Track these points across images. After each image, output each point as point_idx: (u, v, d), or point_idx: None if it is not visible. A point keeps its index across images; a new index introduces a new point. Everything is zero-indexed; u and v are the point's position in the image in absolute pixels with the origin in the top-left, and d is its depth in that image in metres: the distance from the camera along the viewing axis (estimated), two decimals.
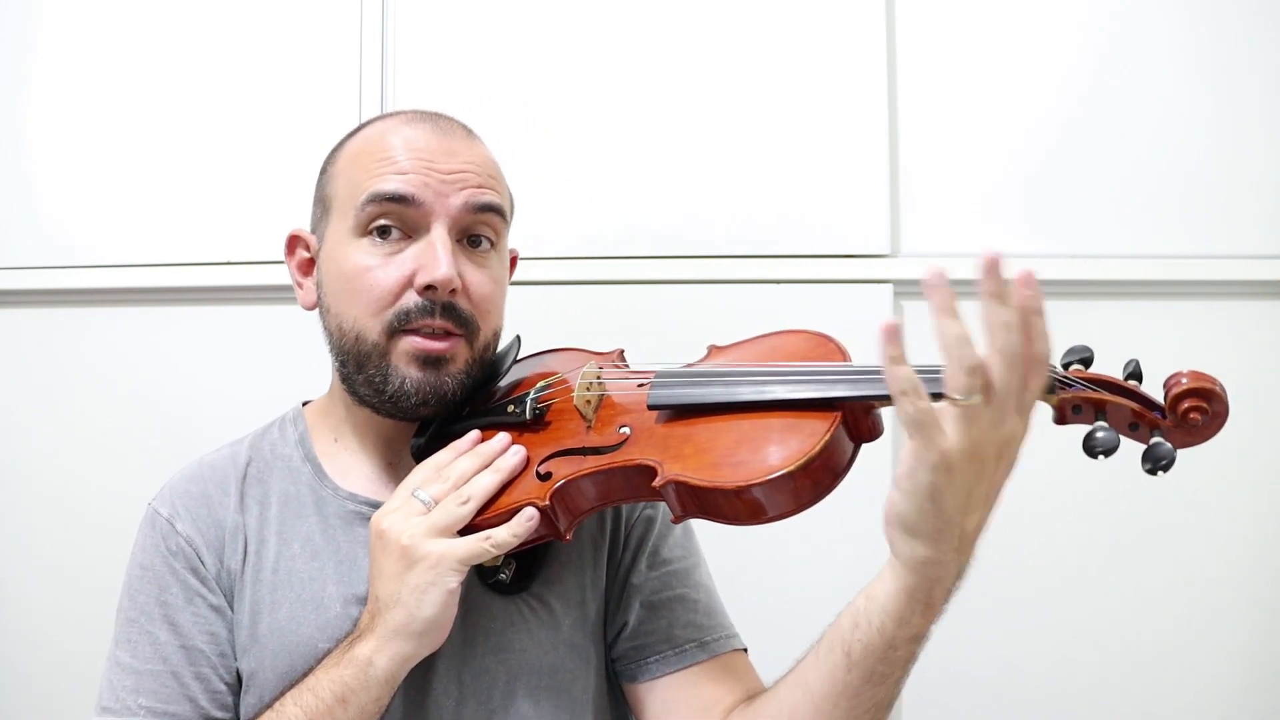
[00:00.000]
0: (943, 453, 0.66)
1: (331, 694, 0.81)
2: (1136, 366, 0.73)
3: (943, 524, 0.68)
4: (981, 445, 0.67)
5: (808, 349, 0.86)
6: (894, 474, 0.70)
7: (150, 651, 0.89)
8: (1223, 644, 1.54)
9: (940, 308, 0.66)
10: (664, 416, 0.85)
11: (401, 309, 0.89)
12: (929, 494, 0.67)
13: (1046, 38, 1.59)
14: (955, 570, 0.72)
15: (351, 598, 0.90)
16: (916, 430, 0.66)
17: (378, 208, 0.89)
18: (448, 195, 0.90)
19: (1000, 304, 0.66)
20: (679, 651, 0.94)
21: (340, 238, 0.92)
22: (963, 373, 0.65)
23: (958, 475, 0.67)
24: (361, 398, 0.93)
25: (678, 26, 1.60)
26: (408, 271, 0.89)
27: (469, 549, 0.83)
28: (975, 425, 0.66)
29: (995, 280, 0.66)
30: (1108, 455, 0.69)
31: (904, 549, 0.71)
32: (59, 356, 1.65)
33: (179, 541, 0.92)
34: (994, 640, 1.53)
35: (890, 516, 0.71)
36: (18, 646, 1.64)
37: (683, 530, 1.02)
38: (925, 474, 0.67)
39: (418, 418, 0.93)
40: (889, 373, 0.67)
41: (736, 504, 0.76)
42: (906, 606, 0.72)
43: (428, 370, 0.90)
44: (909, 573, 0.71)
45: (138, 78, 1.65)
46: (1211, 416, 0.68)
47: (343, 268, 0.91)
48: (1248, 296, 1.56)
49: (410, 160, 0.90)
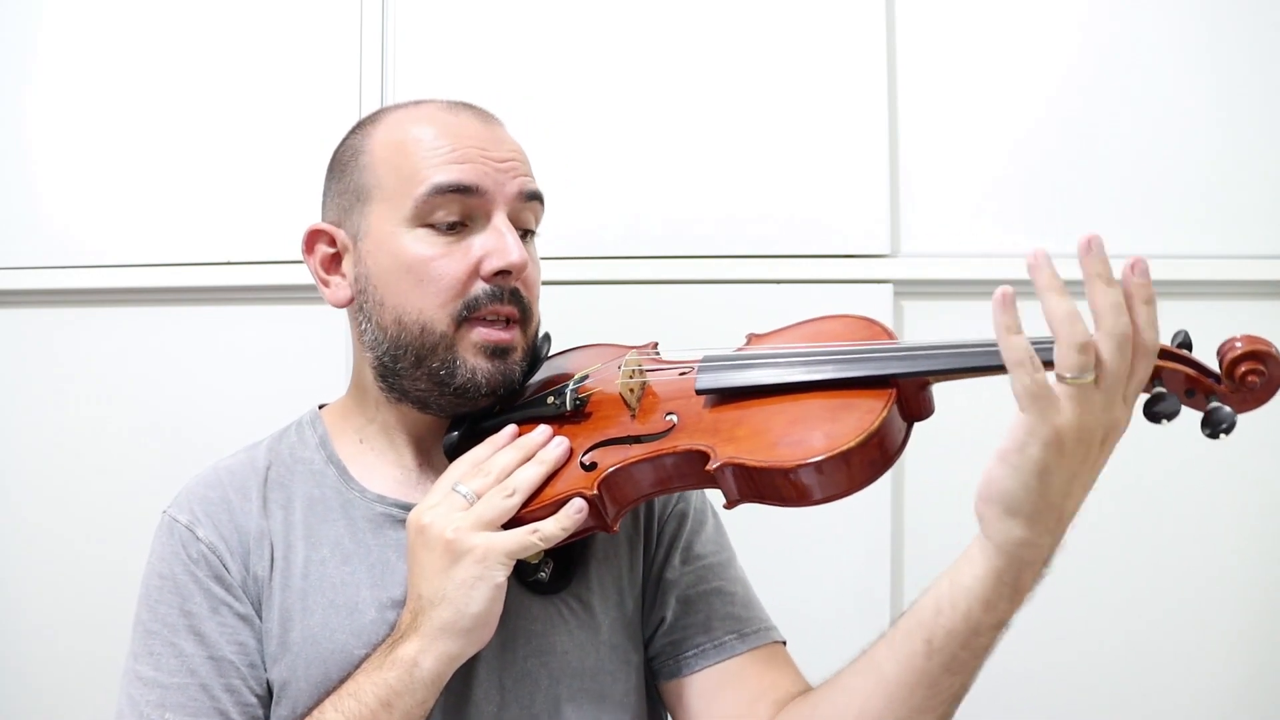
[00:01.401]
0: (1056, 429, 0.64)
1: (375, 698, 0.79)
2: (1186, 336, 0.72)
3: (1045, 504, 0.67)
4: (1092, 428, 0.65)
5: (853, 331, 0.85)
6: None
7: (175, 664, 0.85)
8: (1222, 644, 1.54)
9: (1047, 286, 0.65)
10: (711, 401, 0.83)
11: (471, 297, 0.88)
12: (1038, 471, 0.66)
13: (1046, 37, 1.59)
14: (1046, 554, 0.70)
15: (387, 602, 0.88)
16: (1032, 403, 0.65)
17: (442, 198, 0.88)
18: (504, 183, 0.90)
19: (1108, 285, 0.64)
20: (717, 644, 0.93)
21: (392, 229, 0.90)
22: (1074, 350, 0.64)
23: (1067, 454, 0.65)
24: (407, 393, 0.91)
25: (677, 27, 1.60)
26: (474, 260, 0.88)
27: (517, 541, 0.81)
28: (1088, 405, 0.65)
29: (1100, 261, 0.65)
30: (1170, 420, 0.68)
31: (999, 529, 0.69)
32: (59, 356, 1.65)
33: (201, 549, 0.89)
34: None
35: (990, 494, 0.68)
36: (17, 647, 1.63)
37: (714, 526, 1.02)
38: (1037, 450, 0.65)
39: (477, 409, 0.92)
40: (1004, 342, 0.65)
41: (794, 484, 0.75)
42: (994, 590, 0.70)
43: (495, 360, 0.89)
44: (1000, 554, 0.69)
45: (137, 78, 1.65)
46: (1269, 379, 0.67)
47: (401, 259, 0.89)
48: (1248, 296, 1.55)
49: (466, 149, 0.90)
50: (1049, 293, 0.65)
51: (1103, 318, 0.65)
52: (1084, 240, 0.65)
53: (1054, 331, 0.65)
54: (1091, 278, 0.65)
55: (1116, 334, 0.64)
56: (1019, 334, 0.65)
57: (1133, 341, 0.65)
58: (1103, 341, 0.64)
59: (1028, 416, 0.65)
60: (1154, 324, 0.66)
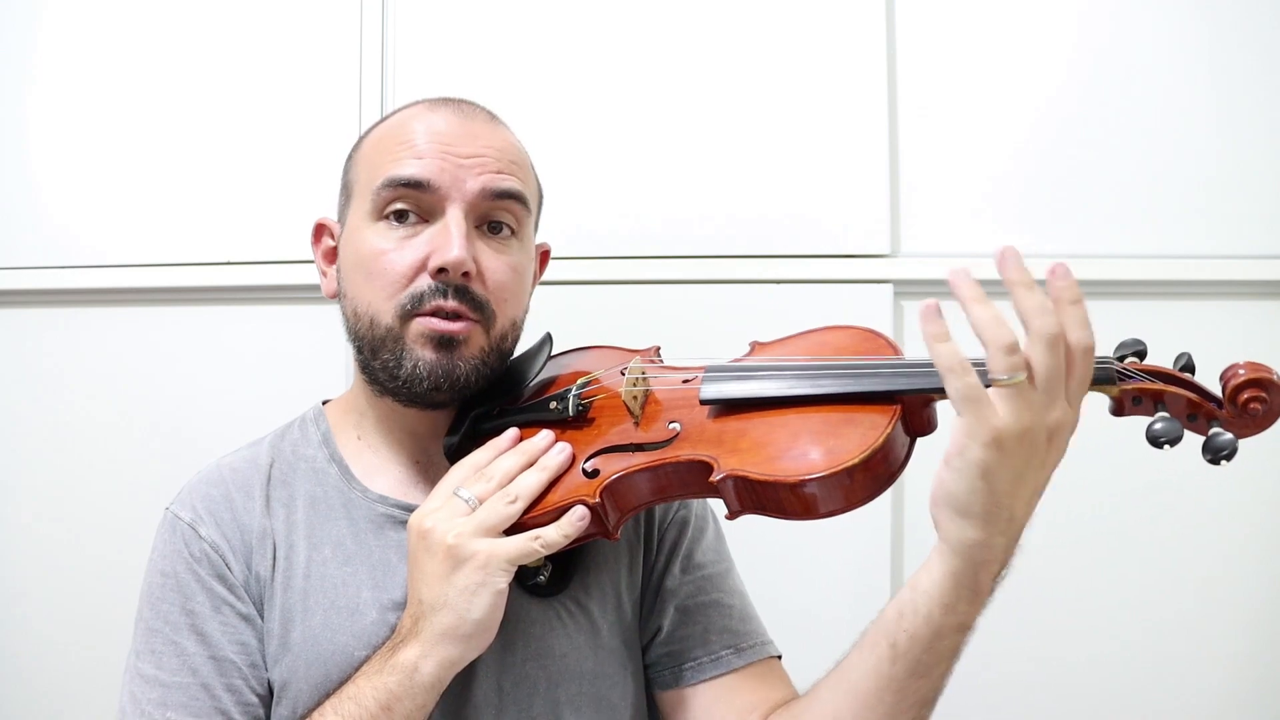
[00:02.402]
0: (994, 430, 0.66)
1: (375, 701, 0.79)
2: (1189, 360, 0.73)
3: (993, 504, 0.68)
4: (1033, 428, 0.66)
5: (857, 344, 0.85)
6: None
7: (177, 663, 0.86)
8: (1222, 644, 1.54)
9: (969, 298, 0.67)
10: (715, 411, 0.83)
11: (415, 291, 0.88)
12: (980, 472, 0.67)
13: (1046, 37, 1.59)
14: (1002, 555, 0.71)
15: (389, 604, 0.88)
16: (967, 406, 0.66)
17: (393, 192, 0.89)
18: (464, 179, 0.89)
19: (1028, 290, 0.66)
20: (715, 658, 0.93)
21: (358, 222, 0.92)
22: (1001, 352, 0.65)
23: (1009, 454, 0.66)
24: (382, 386, 0.92)
25: (677, 27, 1.60)
26: (422, 255, 0.88)
27: (518, 548, 0.81)
28: (1025, 406, 0.66)
29: (1017, 269, 0.66)
30: (1172, 445, 0.69)
31: (952, 531, 0.70)
32: (59, 356, 1.65)
33: (203, 547, 0.89)
34: (992, 640, 1.53)
35: (939, 496, 0.70)
36: (17, 647, 1.63)
37: (715, 534, 1.01)
38: (977, 450, 0.66)
39: (434, 404, 0.92)
40: (934, 350, 0.67)
41: (797, 498, 0.76)
42: (953, 592, 0.71)
43: (440, 352, 0.88)
44: (956, 556, 0.70)
45: (138, 78, 1.65)
46: (1271, 406, 0.69)
47: (359, 251, 0.91)
48: (1248, 296, 1.55)
49: (428, 144, 0.90)
50: (972, 303, 0.67)
51: (1029, 321, 0.67)
52: (998, 253, 0.67)
53: (981, 337, 0.67)
54: (1011, 285, 0.67)
55: (1045, 335, 0.66)
56: (947, 341, 0.67)
57: (1064, 341, 0.66)
58: (1033, 343, 0.66)
59: (965, 419, 0.67)
60: (1084, 323, 0.67)
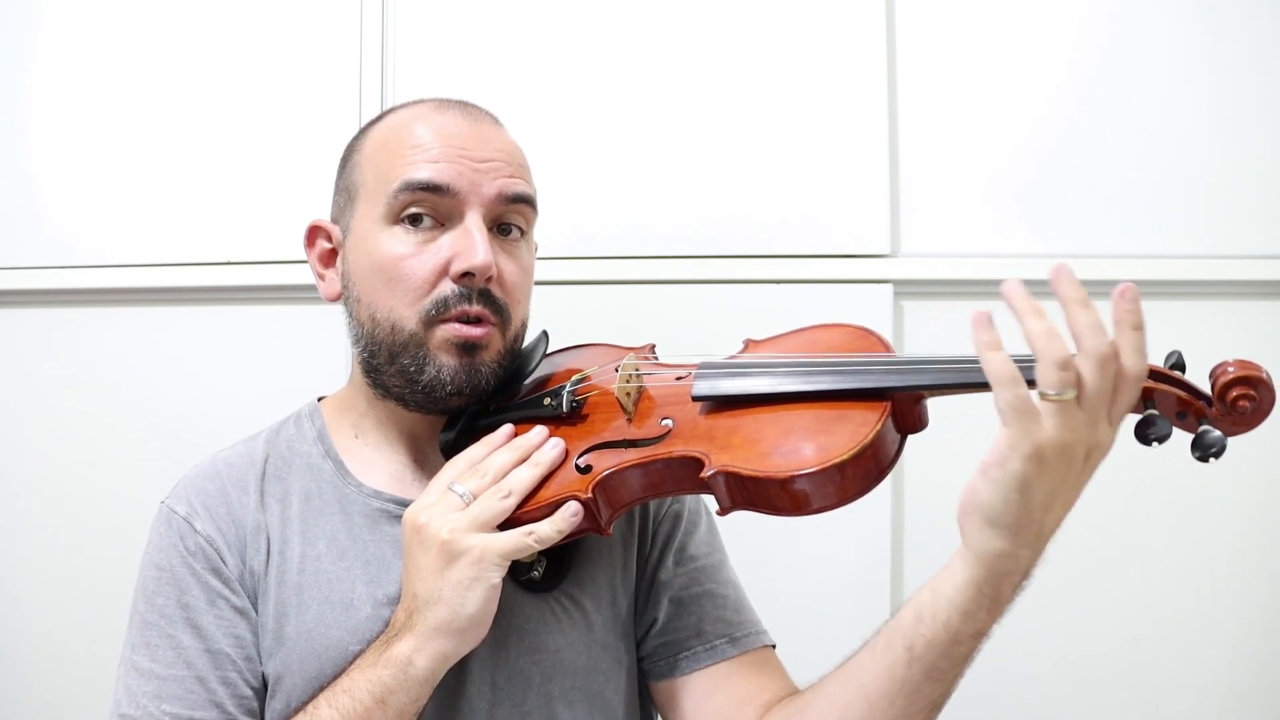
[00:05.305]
0: (1037, 445, 0.66)
1: (369, 695, 0.80)
2: (1179, 358, 0.73)
3: (1025, 518, 0.68)
4: (1074, 445, 0.66)
5: (849, 342, 0.85)
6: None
7: (172, 656, 0.86)
8: (1223, 647, 1.54)
9: (1025, 310, 0.67)
10: (708, 408, 0.84)
11: (439, 297, 0.88)
12: (1018, 485, 0.67)
13: (1046, 38, 1.59)
14: (1026, 567, 0.71)
15: (383, 599, 0.88)
16: (1015, 418, 0.66)
17: (411, 195, 0.88)
18: (481, 184, 0.89)
19: (1083, 308, 0.66)
20: (709, 647, 0.94)
21: (370, 226, 0.91)
22: (1054, 367, 0.65)
23: (1048, 470, 0.66)
24: (389, 390, 0.92)
25: (677, 27, 1.60)
26: (443, 259, 0.88)
27: (512, 543, 0.81)
28: (1071, 422, 0.66)
29: (1070, 286, 0.67)
30: (1161, 443, 0.70)
31: (979, 540, 0.70)
32: (59, 356, 1.65)
33: (198, 541, 0.89)
34: (991, 640, 1.53)
35: (970, 505, 0.70)
36: (17, 647, 1.64)
37: (708, 527, 1.02)
38: (1018, 464, 0.66)
39: (448, 409, 0.92)
40: (986, 359, 0.67)
41: (787, 494, 0.76)
42: (974, 600, 0.71)
43: (463, 357, 0.88)
44: (980, 565, 0.70)
45: (138, 78, 1.65)
46: (1259, 404, 0.68)
47: (374, 257, 0.90)
48: (1248, 296, 1.55)
49: (443, 148, 0.89)
50: (1027, 316, 0.67)
51: (1082, 339, 0.66)
52: (1053, 271, 0.67)
53: (1035, 350, 0.66)
54: (1066, 302, 0.67)
55: (1096, 354, 0.66)
56: (999, 350, 0.67)
57: (1116, 365, 0.66)
58: (1083, 361, 0.66)
59: (1010, 431, 0.66)
60: (1140, 350, 0.67)
